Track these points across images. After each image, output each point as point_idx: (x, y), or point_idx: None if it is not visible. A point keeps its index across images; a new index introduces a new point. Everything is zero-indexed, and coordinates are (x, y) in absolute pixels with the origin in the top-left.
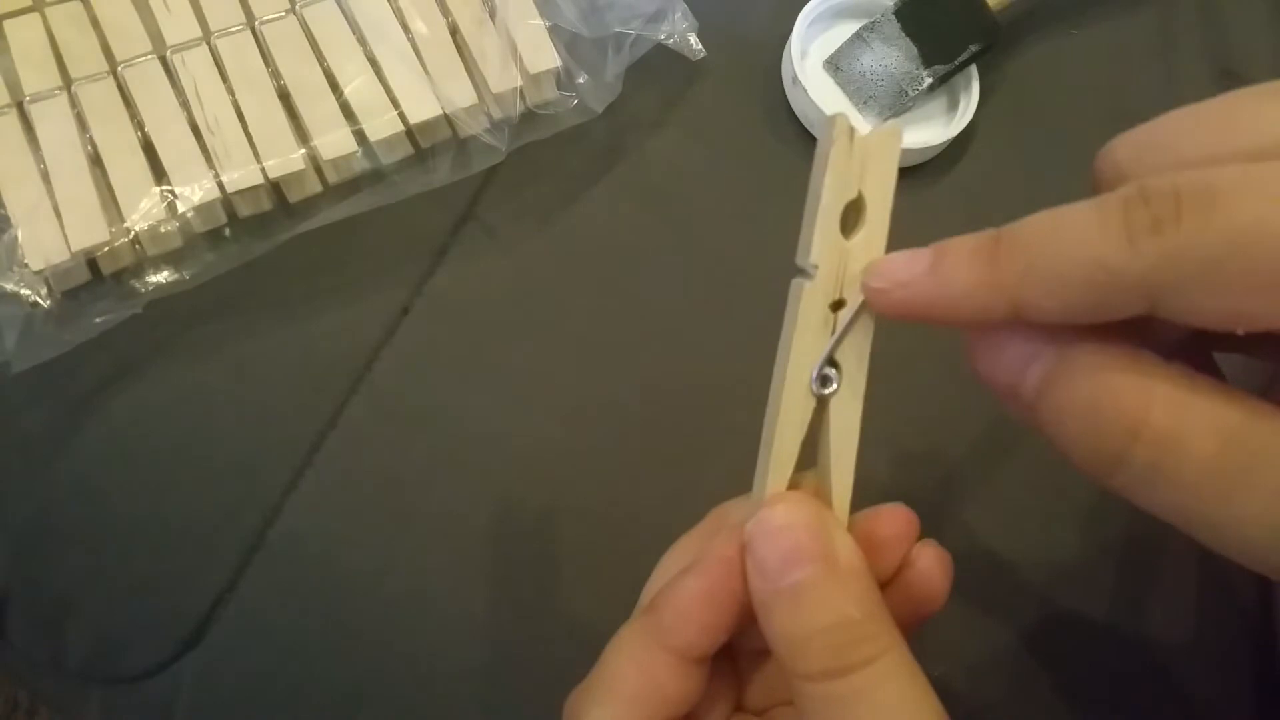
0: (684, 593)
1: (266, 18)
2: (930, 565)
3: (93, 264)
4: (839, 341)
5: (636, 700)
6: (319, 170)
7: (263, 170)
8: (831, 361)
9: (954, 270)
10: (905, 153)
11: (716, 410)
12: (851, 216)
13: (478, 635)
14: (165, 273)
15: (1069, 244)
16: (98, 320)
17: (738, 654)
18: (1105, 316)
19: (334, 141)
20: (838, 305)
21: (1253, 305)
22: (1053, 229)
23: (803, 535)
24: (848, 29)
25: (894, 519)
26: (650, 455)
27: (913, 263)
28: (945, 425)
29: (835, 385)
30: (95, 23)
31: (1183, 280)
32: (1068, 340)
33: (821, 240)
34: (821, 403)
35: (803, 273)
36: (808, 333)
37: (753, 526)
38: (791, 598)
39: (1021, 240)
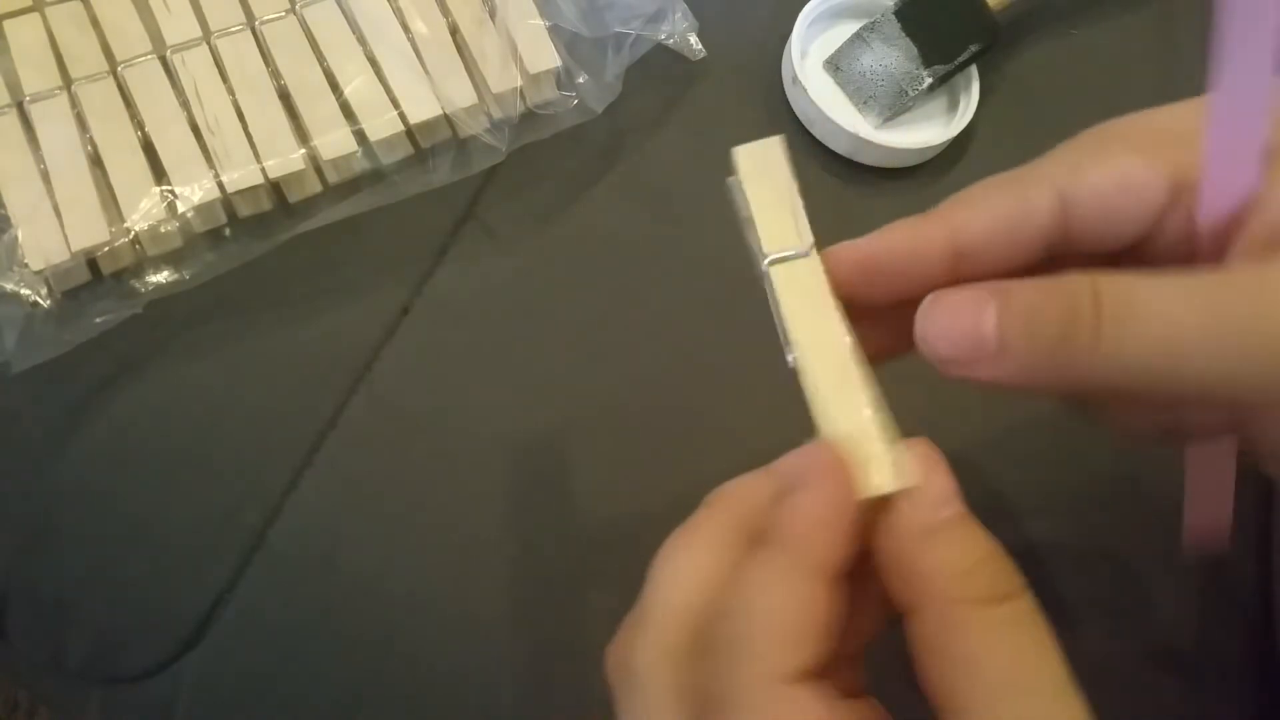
0: (809, 507)
1: (266, 18)
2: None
3: (93, 264)
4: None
5: (800, 635)
6: (319, 170)
7: (263, 170)
8: None
9: (892, 230)
10: (905, 153)
11: (717, 409)
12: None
13: (477, 635)
14: (165, 273)
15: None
16: (98, 320)
17: None
18: (1026, 231)
19: (334, 141)
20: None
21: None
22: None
23: (947, 474)
24: (848, 29)
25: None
26: (650, 454)
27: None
28: (941, 421)
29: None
30: (95, 23)
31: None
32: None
33: (797, 226)
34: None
35: (783, 260)
36: (823, 302)
37: (904, 462)
38: (957, 526)
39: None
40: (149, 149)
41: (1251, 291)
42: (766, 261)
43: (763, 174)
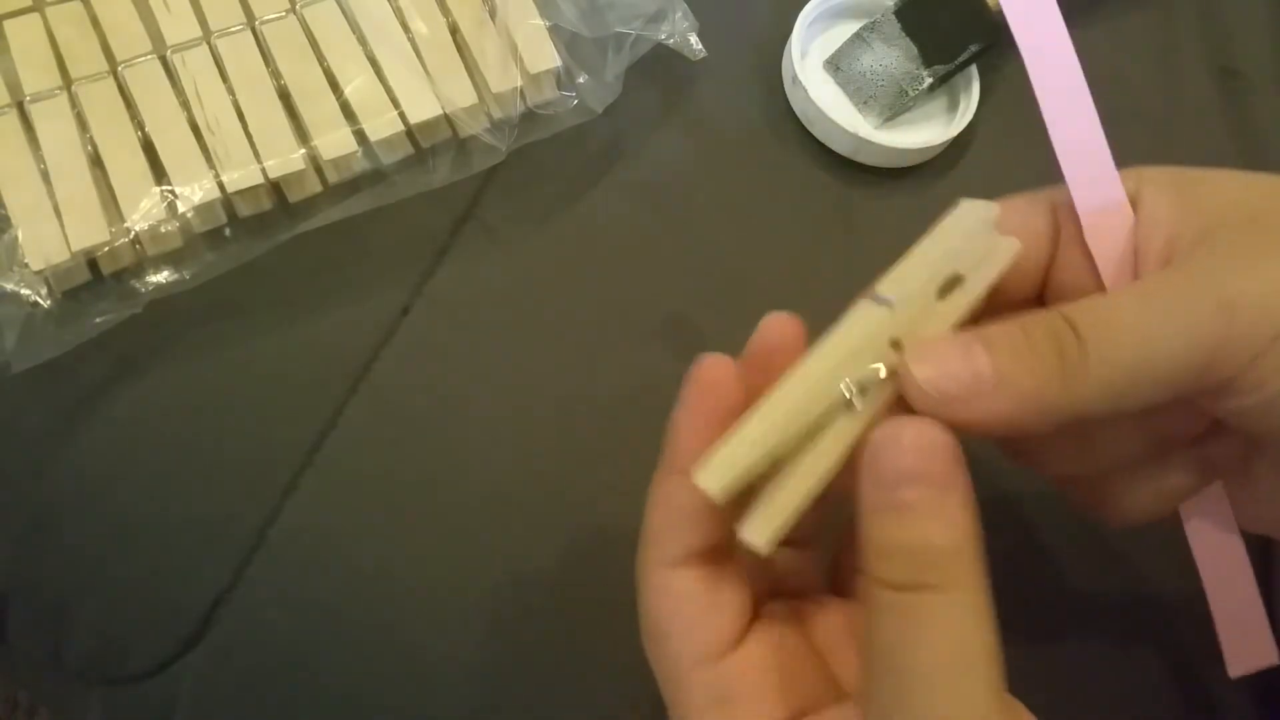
0: (678, 423)
1: (266, 18)
2: None
3: (93, 264)
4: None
5: (668, 528)
6: (319, 170)
7: (263, 170)
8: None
9: None
10: (905, 153)
11: None
12: (946, 288)
13: (478, 635)
14: (165, 273)
15: None
16: (98, 320)
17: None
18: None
19: (334, 141)
20: (895, 344)
21: None
22: None
23: (926, 459)
24: (848, 29)
25: None
26: (651, 454)
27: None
28: None
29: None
30: (95, 23)
31: None
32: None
33: (916, 283)
34: (830, 415)
35: (878, 304)
36: (858, 349)
37: (880, 435)
38: (895, 511)
39: None
40: (149, 149)
41: (1200, 275)
42: (867, 294)
43: (955, 231)
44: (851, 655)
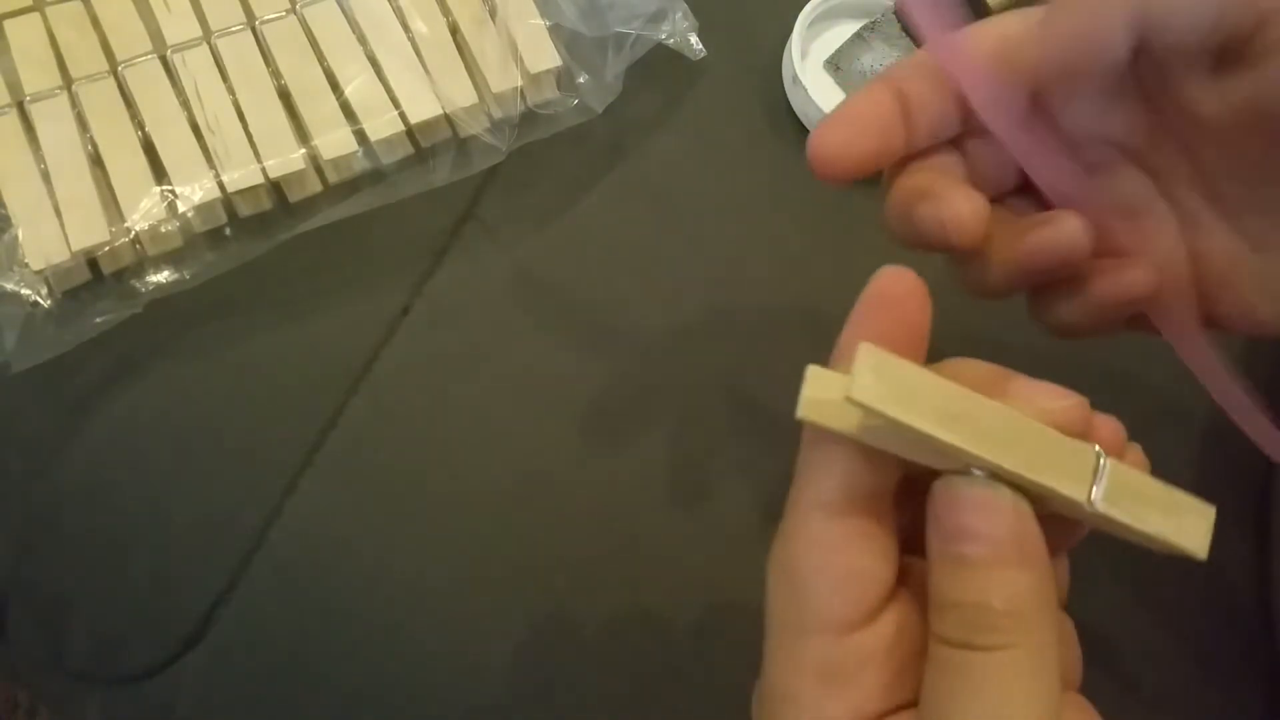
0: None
1: (267, 17)
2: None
3: (93, 264)
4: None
5: (827, 461)
6: (319, 170)
7: (263, 170)
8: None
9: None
10: None
11: (717, 408)
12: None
13: (478, 635)
14: (165, 273)
15: None
16: (98, 320)
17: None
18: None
19: (334, 141)
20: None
21: None
22: None
23: (986, 518)
24: (848, 29)
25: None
26: (651, 454)
27: None
28: None
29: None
30: (95, 23)
31: None
32: None
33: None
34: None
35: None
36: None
37: (944, 485)
38: (953, 565)
39: None
40: (149, 149)
41: None
42: (1095, 445)
43: (1181, 528)
44: None
